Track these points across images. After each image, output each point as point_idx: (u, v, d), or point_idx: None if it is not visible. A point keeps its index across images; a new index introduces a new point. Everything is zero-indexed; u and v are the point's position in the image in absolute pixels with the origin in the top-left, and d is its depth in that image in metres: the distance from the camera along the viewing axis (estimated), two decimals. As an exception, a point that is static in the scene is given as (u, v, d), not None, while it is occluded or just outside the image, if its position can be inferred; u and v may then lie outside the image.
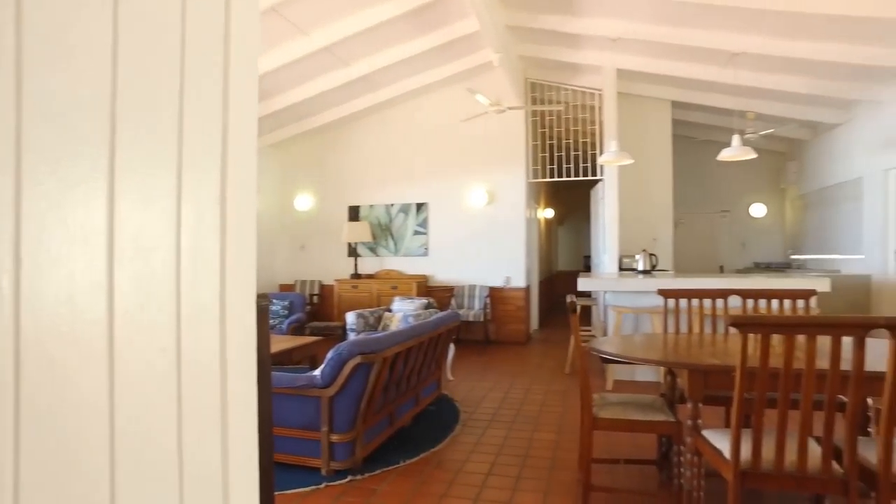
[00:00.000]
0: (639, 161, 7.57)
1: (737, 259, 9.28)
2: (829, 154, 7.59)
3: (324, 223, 8.58)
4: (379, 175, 8.32)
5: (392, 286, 7.64)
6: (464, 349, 7.29)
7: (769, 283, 4.83)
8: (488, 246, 7.81)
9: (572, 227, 15.43)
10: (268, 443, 1.22)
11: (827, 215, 7.63)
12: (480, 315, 7.31)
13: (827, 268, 7.49)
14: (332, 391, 3.06)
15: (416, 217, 8.14)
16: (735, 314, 1.88)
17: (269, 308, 0.81)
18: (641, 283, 5.19)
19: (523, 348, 7.42)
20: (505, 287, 7.75)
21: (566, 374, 5.81)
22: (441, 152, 8.05)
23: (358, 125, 8.40)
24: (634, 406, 2.72)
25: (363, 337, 3.32)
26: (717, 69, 6.43)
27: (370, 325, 6.34)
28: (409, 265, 8.18)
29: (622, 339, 3.11)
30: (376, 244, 8.32)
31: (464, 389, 5.19)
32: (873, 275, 6.36)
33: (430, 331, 3.95)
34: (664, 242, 7.67)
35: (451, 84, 7.75)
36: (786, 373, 1.87)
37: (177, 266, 0.47)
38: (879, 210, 6.31)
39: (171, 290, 0.47)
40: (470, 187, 7.92)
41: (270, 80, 6.30)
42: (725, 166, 9.32)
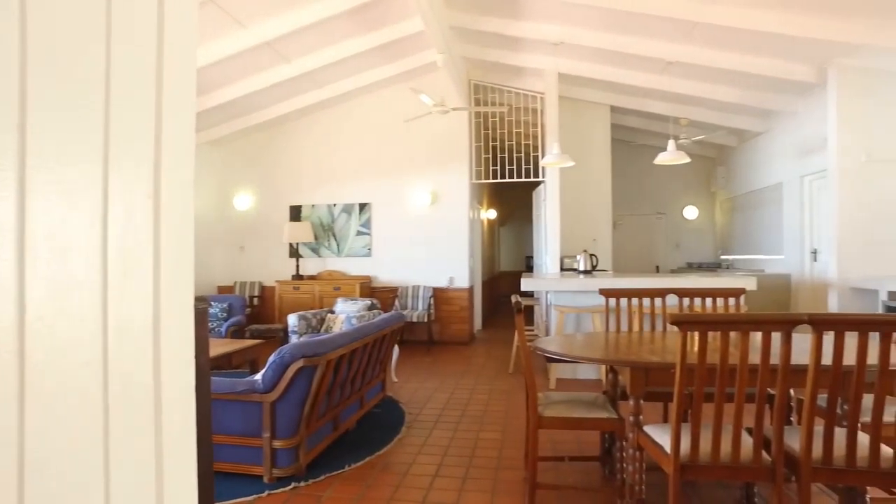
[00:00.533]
0: (579, 163, 7.76)
1: (671, 259, 9.66)
2: (754, 160, 8.01)
3: (264, 223, 8.34)
4: (321, 174, 8.17)
5: (335, 287, 7.51)
6: (408, 350, 7.26)
7: (702, 282, 5.04)
8: (432, 246, 7.81)
9: (514, 228, 15.66)
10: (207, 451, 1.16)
11: (752, 218, 8.05)
12: (424, 316, 7.30)
13: (752, 267, 7.91)
14: (273, 396, 2.96)
15: (359, 217, 8.04)
16: (674, 313, 1.94)
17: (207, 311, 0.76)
18: (582, 282, 5.31)
19: (467, 348, 7.45)
20: (449, 287, 7.77)
21: (510, 373, 5.87)
22: (385, 152, 7.98)
23: (300, 123, 8.21)
24: (578, 404, 2.77)
25: (306, 339, 3.23)
26: (653, 76, 6.67)
27: (313, 327, 6.21)
28: (352, 266, 8.06)
29: (565, 338, 3.16)
30: (318, 245, 8.16)
31: (409, 391, 5.16)
32: (792, 273, 6.75)
33: (374, 332, 3.90)
34: (603, 243, 7.89)
35: (395, 84, 7.70)
36: (722, 368, 1.94)
37: (103, 268, 0.42)
38: (797, 213, 6.71)
39: (95, 295, 0.42)
40: (413, 188, 7.89)
41: (208, 75, 6.05)
42: (661, 170, 9.69)
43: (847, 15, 4.74)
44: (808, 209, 6.57)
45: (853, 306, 5.30)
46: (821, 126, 6.14)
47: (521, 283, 5.45)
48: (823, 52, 5.32)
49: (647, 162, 9.59)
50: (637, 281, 5.08)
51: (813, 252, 6.46)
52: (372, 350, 4.07)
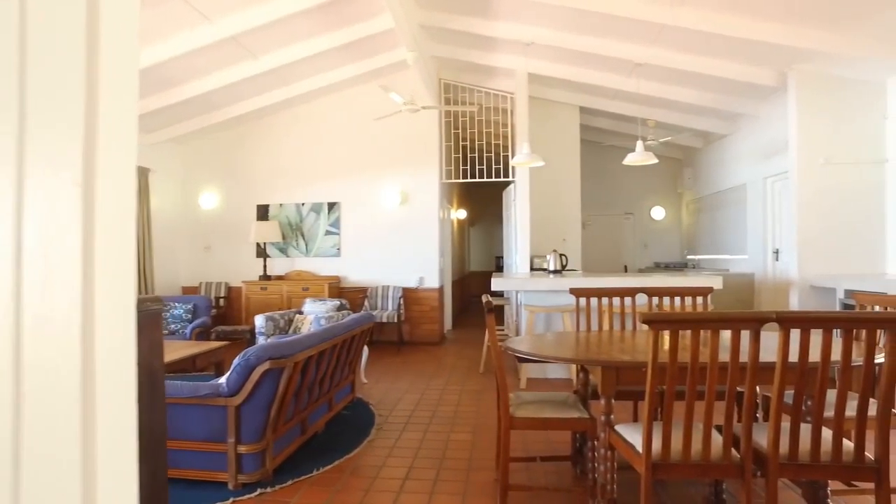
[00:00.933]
0: (549, 164, 7.81)
1: (639, 259, 9.81)
2: (719, 162, 8.18)
3: (231, 222, 8.16)
4: (290, 173, 8.03)
5: (303, 287, 7.38)
6: (378, 351, 7.18)
7: (671, 281, 5.11)
8: (402, 246, 7.75)
9: (484, 228, 15.69)
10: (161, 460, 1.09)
11: (717, 218, 8.22)
12: (394, 316, 7.24)
13: (718, 267, 8.07)
14: (238, 399, 2.87)
15: (328, 217, 7.93)
16: (645, 312, 1.94)
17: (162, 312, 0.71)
18: (552, 282, 5.33)
19: (438, 348, 7.42)
20: (419, 288, 7.72)
21: (480, 373, 5.85)
22: (354, 151, 7.89)
23: (268, 121, 8.06)
24: (550, 404, 2.76)
25: (273, 341, 3.14)
26: (621, 78, 6.75)
27: (280, 328, 6.09)
28: (320, 266, 7.95)
29: (536, 337, 3.15)
30: (287, 244, 8.02)
31: (379, 392, 5.10)
32: (756, 273, 6.91)
33: (342, 333, 3.83)
34: (573, 243, 7.95)
35: (365, 82, 7.62)
36: (693, 366, 1.94)
37: (16, 266, 0.37)
38: (760, 214, 6.87)
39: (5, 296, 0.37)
40: (383, 187, 7.82)
41: (171, 69, 5.88)
42: (629, 171, 9.82)
43: (806, 23, 4.86)
44: (770, 210, 6.73)
45: (813, 304, 5.45)
46: (782, 130, 6.30)
47: (491, 283, 5.44)
48: (784, 57, 5.45)
49: (616, 163, 9.72)
50: (606, 280, 5.12)
51: (775, 252, 6.63)
52: (341, 351, 4.00)
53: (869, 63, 5.22)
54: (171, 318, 6.33)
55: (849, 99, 5.48)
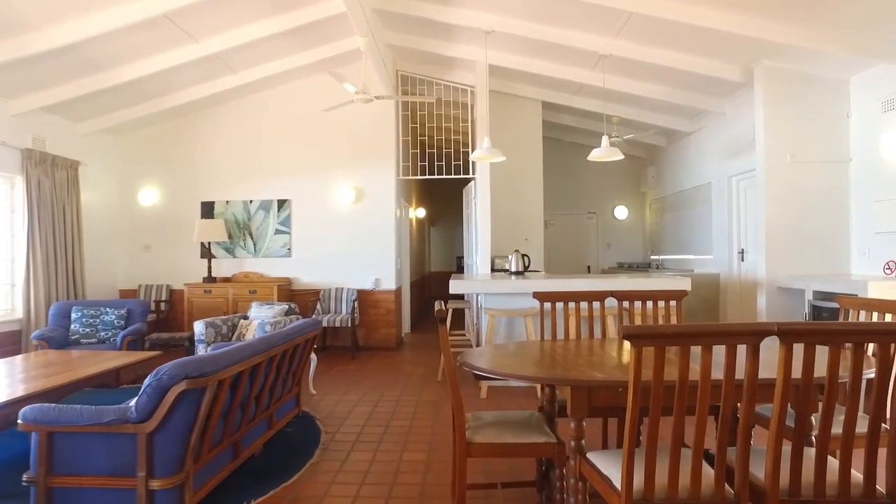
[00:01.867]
0: (511, 160, 7.51)
1: (603, 259, 9.64)
2: (683, 160, 8.06)
3: (173, 220, 7.58)
4: (237, 168, 7.51)
5: (250, 290, 6.89)
6: (331, 358, 6.75)
7: (641, 283, 4.86)
8: (356, 246, 7.34)
9: (445, 228, 15.36)
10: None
11: (681, 218, 8.09)
12: (348, 320, 6.82)
13: (682, 267, 7.94)
14: (150, 426, 2.44)
15: (277, 215, 7.45)
16: (627, 326, 1.62)
17: None
18: (514, 284, 5.02)
19: (395, 354, 7.04)
20: (375, 290, 7.32)
21: (438, 381, 5.50)
22: (305, 145, 7.43)
23: (213, 112, 7.52)
24: (511, 426, 2.43)
25: (205, 355, 2.72)
26: (585, 71, 6.51)
27: (223, 334, 5.61)
28: (270, 267, 7.46)
29: (495, 350, 2.81)
30: (234, 244, 7.50)
31: (328, 405, 4.69)
32: (721, 273, 6.78)
33: (281, 343, 3.42)
34: (535, 243, 7.68)
35: (316, 72, 7.18)
36: (681, 387, 1.64)
37: None
38: (725, 213, 6.73)
39: None
40: (336, 183, 7.39)
41: (97, 50, 5.33)
42: (592, 169, 9.64)
43: (772, 15, 4.68)
44: (735, 209, 6.60)
45: (780, 305, 5.30)
46: (747, 128, 6.16)
47: (449, 286, 5.09)
48: (749, 51, 5.28)
49: (579, 161, 9.54)
50: (572, 283, 4.84)
51: (741, 252, 6.49)
52: (281, 363, 3.59)
53: (833, 61, 5.09)
54: (102, 326, 5.76)
55: (814, 96, 5.36)
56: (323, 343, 7.32)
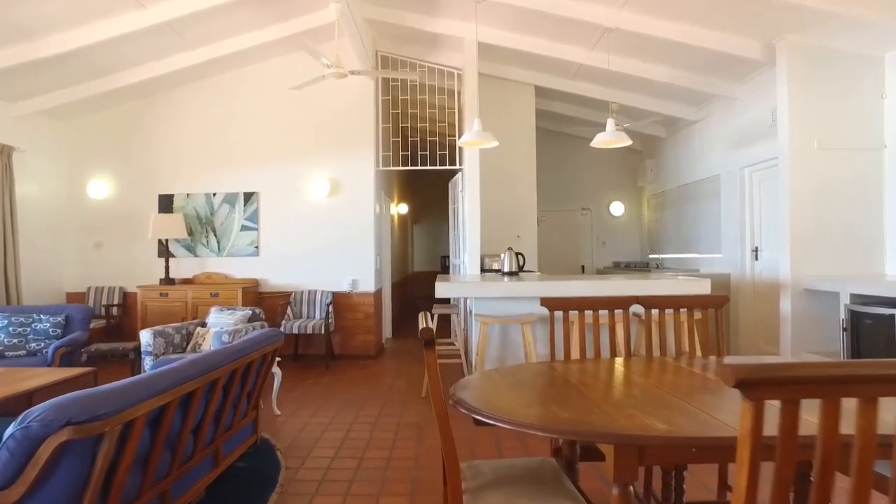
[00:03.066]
0: (501, 150, 6.86)
1: (598, 258, 9.03)
2: (687, 152, 7.47)
3: (127, 215, 6.82)
4: (198, 158, 6.77)
5: (212, 293, 6.16)
6: (302, 369, 6.05)
7: (662, 286, 4.24)
8: (332, 244, 6.64)
9: (429, 225, 14.69)
10: None
11: (685, 214, 7.50)
12: (322, 326, 6.11)
13: (685, 267, 7.35)
14: (13, 496, 1.74)
15: (243, 209, 6.72)
16: (740, 367, 0.97)
17: None
18: (509, 287, 4.36)
19: (374, 364, 6.35)
20: (352, 292, 6.63)
21: (422, 398, 4.83)
22: (275, 133, 6.71)
23: (171, 96, 6.77)
24: (521, 484, 1.77)
25: (104, 388, 2.03)
26: (584, 51, 5.88)
27: (175, 345, 4.90)
28: (235, 267, 6.73)
29: (498, 378, 2.15)
30: (195, 242, 6.76)
31: (293, 429, 3.99)
32: (732, 273, 6.20)
33: (226, 362, 2.73)
34: (528, 240, 7.04)
35: (285, 51, 6.47)
36: (826, 451, 0.99)
37: None
38: (737, 208, 6.15)
39: None
40: (309, 175, 6.68)
41: (25, 13, 4.58)
42: (586, 163, 9.03)
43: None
44: (748, 203, 6.01)
45: (809, 310, 4.71)
46: (763, 113, 5.58)
47: (434, 289, 4.42)
48: (772, 23, 4.68)
49: (572, 153, 8.94)
50: (577, 286, 4.21)
51: (754, 250, 5.91)
52: (230, 384, 2.90)
53: (866, 34, 4.51)
54: (33, 335, 5.01)
55: (844, 75, 4.77)
56: (294, 352, 6.61)
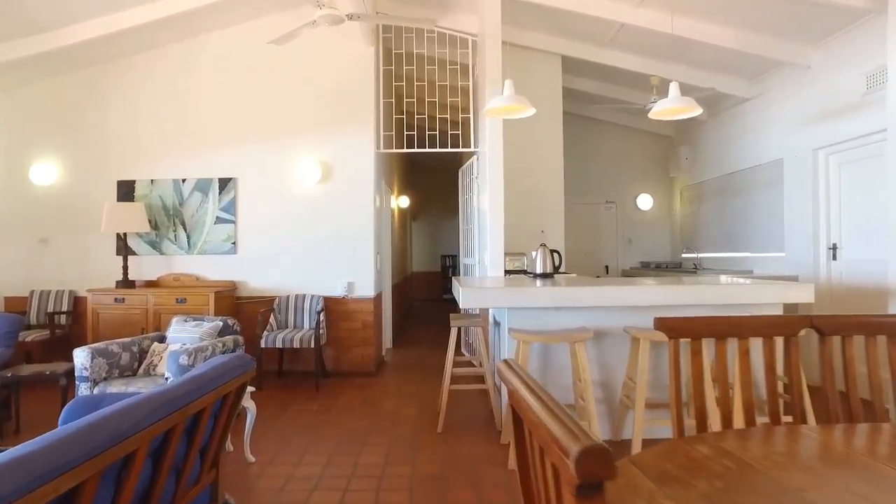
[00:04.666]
0: (522, 131, 5.88)
1: (623, 257, 8.03)
2: (735, 135, 6.48)
3: (80, 205, 5.74)
4: (164, 137, 5.70)
5: (178, 298, 5.10)
6: (287, 389, 5.00)
7: (760, 294, 3.24)
8: (323, 240, 5.60)
9: (429, 222, 13.68)
10: None
11: (731, 206, 6.51)
12: (311, 338, 5.06)
13: (733, 268, 6.37)
14: None
15: (219, 198, 5.66)
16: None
17: None
18: (559, 294, 3.35)
19: (374, 382, 5.31)
20: (347, 297, 5.59)
21: (439, 433, 3.80)
22: (256, 107, 5.66)
23: (132, 62, 5.70)
24: None
25: None
26: (629, 7, 4.88)
27: (123, 365, 3.85)
28: (209, 267, 5.67)
29: (646, 482, 1.12)
30: (161, 237, 5.69)
31: (272, 486, 2.95)
32: (801, 276, 5.21)
33: (162, 416, 1.69)
34: (554, 235, 6.03)
35: (267, 12, 5.41)
36: None
37: None
38: (807, 198, 5.17)
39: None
40: (296, 158, 5.64)
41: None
42: (610, 151, 8.05)
43: None
44: (824, 192, 5.03)
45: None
46: (850, 81, 4.60)
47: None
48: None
49: (596, 139, 7.94)
50: (657, 294, 3.21)
51: (832, 248, 4.93)
52: (168, 441, 1.87)
53: None
54: (-57, 352, 3.93)
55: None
56: (278, 368, 5.56)
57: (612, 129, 7.98)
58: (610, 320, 3.62)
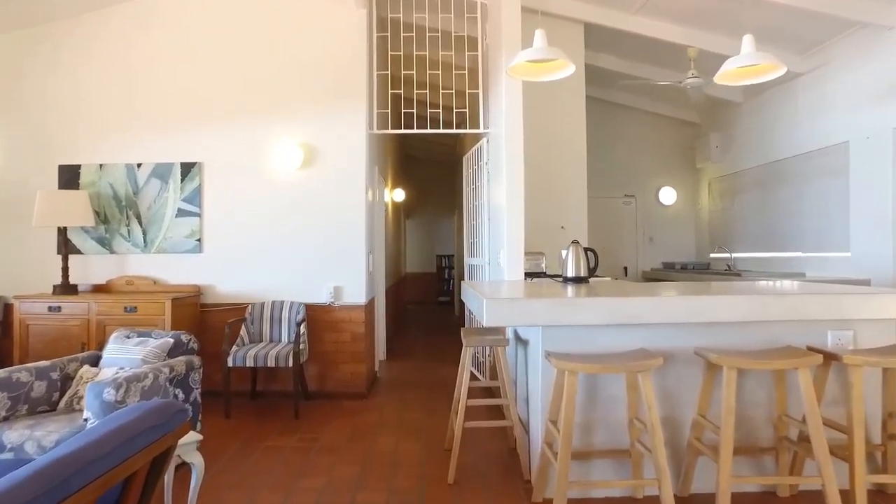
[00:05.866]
0: (538, 112, 5.06)
1: (643, 257, 7.22)
2: (782, 117, 5.67)
3: (13, 194, 4.83)
4: (115, 114, 4.80)
5: (126, 307, 4.19)
6: (261, 417, 4.10)
7: (873, 307, 2.41)
8: (305, 237, 4.73)
9: (423, 219, 12.82)
10: None
11: (775, 200, 5.71)
12: (288, 355, 4.17)
13: (777, 270, 5.57)
14: None
15: (180, 186, 4.77)
16: None
17: None
18: (620, 308, 2.49)
19: (366, 407, 4.43)
20: (334, 304, 4.71)
21: (450, 485, 2.94)
22: (224, 78, 4.78)
23: (78, 23, 4.79)
24: None
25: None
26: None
27: (35, 399, 2.97)
28: (169, 269, 4.77)
29: None
30: (111, 232, 4.79)
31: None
32: (874, 279, 4.40)
33: None
34: (576, 232, 5.19)
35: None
36: None
37: None
38: (884, 187, 4.36)
39: None
40: (273, 139, 4.76)
41: None
42: (630, 139, 7.23)
43: None
44: (905, 179, 4.23)
45: None
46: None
47: (473, 310, 2.51)
48: None
49: (614, 126, 7.11)
50: (737, 305, 2.37)
51: (917, 247, 4.13)
52: None
53: None
54: None
55: None
56: (251, 388, 4.68)
57: (631, 114, 7.15)
58: (672, 339, 2.78)
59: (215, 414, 4.24)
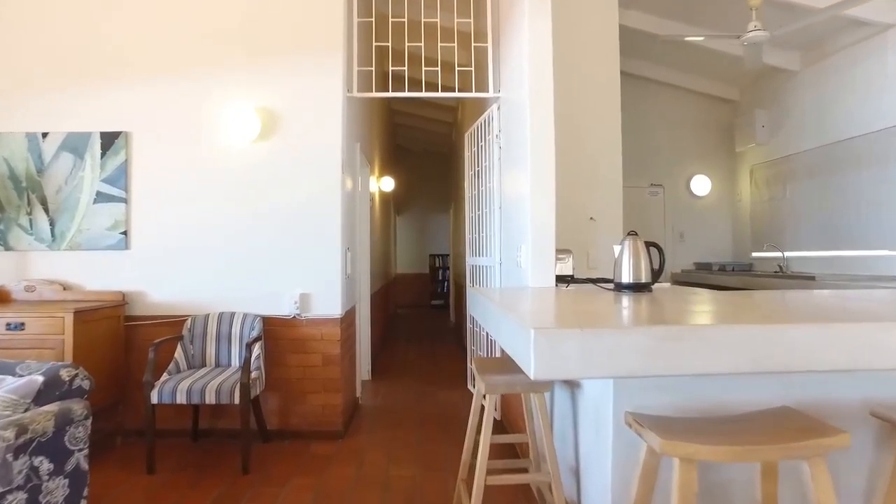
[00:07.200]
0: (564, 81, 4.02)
1: (672, 257, 6.19)
2: (859, 84, 4.64)
3: None
4: (11, 67, 3.69)
5: (9, 324, 3.09)
6: (201, 470, 2.99)
7: None
8: (263, 231, 3.64)
9: (416, 216, 11.79)
10: None
11: (847, 186, 4.70)
12: (234, 388, 3.07)
13: (847, 271, 4.56)
14: None
15: (100, 164, 3.66)
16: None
17: None
18: (770, 340, 1.42)
19: (341, 453, 3.35)
20: (301, 317, 3.63)
21: None
22: (159, 25, 3.68)
23: (-34, -47, 3.68)
24: None
25: None
26: None
27: None
28: (86, 269, 3.67)
29: None
30: (7, 221, 3.68)
31: None
32: None
33: None
34: (609, 223, 4.13)
35: None
36: None
37: None
38: None
39: None
40: (222, 102, 3.67)
41: None
42: (658, 119, 6.21)
43: None
44: None
45: None
46: None
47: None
48: None
49: (640, 105, 6.08)
50: None
51: None
52: None
53: None
54: None
55: None
56: (192, 426, 3.59)
57: (658, 90, 6.13)
58: (819, 387, 1.73)
59: (135, 469, 3.14)
